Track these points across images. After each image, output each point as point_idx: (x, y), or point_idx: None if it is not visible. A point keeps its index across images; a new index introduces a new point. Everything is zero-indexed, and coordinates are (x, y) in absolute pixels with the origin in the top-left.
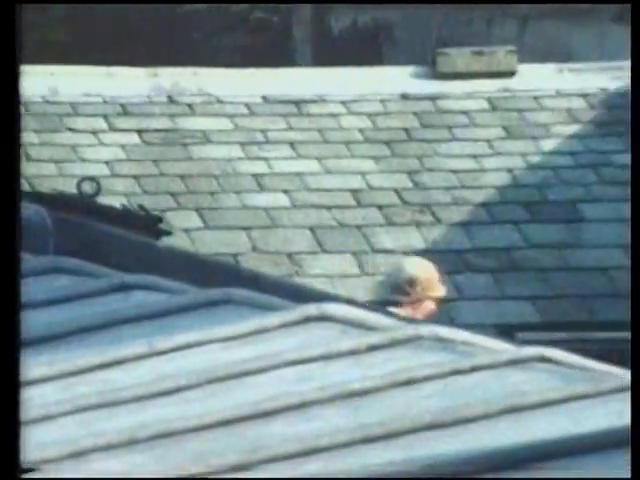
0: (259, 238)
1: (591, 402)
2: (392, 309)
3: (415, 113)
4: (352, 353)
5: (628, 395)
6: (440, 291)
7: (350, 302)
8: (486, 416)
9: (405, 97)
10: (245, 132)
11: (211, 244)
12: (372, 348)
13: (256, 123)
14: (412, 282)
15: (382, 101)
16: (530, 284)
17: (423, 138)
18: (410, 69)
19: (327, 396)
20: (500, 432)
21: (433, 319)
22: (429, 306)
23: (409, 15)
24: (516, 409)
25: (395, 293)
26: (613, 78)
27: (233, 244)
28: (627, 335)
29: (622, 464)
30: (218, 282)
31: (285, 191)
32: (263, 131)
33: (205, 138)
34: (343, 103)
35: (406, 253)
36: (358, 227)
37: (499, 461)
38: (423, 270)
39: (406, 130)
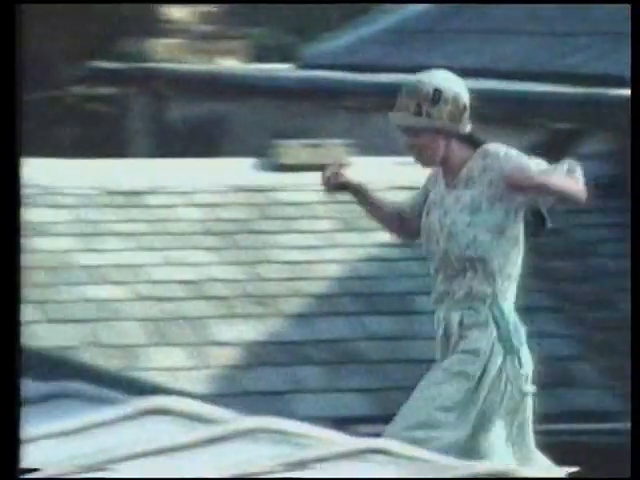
0: (97, 331)
1: None
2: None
3: (253, 205)
4: (189, 447)
5: None
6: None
7: (186, 395)
8: None
9: (243, 189)
10: (81, 224)
11: (49, 337)
12: (209, 441)
13: (93, 214)
14: (438, 98)
15: (220, 192)
16: (365, 376)
17: (261, 230)
18: (247, 161)
19: None
20: None
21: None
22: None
23: (244, 106)
24: None
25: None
26: None
27: (71, 337)
28: None
29: None
30: (56, 375)
31: (123, 283)
32: (99, 222)
33: (40, 230)
34: (182, 194)
35: (242, 344)
36: (197, 319)
37: None
38: (453, 86)
39: (244, 221)
